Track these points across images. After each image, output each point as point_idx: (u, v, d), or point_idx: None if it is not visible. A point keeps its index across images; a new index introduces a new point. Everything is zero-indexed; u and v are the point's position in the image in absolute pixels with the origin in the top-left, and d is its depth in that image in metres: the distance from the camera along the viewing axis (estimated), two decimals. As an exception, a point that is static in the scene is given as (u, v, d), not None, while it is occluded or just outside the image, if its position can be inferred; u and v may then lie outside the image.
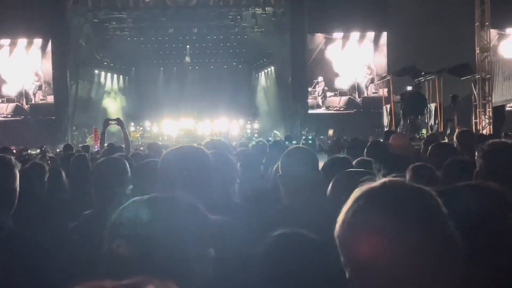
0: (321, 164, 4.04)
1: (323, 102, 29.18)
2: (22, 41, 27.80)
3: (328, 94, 29.26)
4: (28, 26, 26.59)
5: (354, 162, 4.12)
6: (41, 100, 27.99)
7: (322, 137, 24.58)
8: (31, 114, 27.78)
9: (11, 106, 27.86)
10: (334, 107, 29.13)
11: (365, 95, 29.21)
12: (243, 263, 2.12)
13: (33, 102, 27.97)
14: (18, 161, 3.55)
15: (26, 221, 3.19)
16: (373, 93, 29.17)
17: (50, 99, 27.96)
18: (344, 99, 29.04)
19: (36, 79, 27.89)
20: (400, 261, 1.19)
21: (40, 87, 27.97)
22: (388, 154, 5.53)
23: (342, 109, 28.99)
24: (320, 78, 28.81)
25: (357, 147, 5.78)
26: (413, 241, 1.19)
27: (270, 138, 20.27)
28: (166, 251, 1.52)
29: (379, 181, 1.30)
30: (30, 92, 27.86)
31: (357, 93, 29.16)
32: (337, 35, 28.78)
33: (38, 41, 27.79)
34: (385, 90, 26.69)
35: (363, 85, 29.18)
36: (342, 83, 29.10)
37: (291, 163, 3.35)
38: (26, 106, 27.92)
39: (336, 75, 28.96)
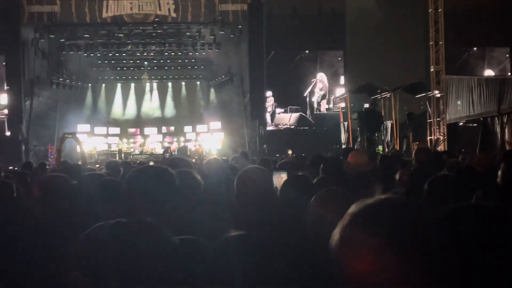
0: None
1: (272, 119, 28.80)
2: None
3: (278, 110, 28.98)
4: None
5: (314, 181, 4.14)
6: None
7: (277, 155, 24.26)
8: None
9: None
10: (283, 125, 28.38)
11: (317, 112, 29.22)
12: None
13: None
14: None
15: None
16: (327, 109, 29.30)
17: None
18: (295, 116, 28.31)
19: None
20: (395, 277, 1.21)
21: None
22: (343, 172, 5.57)
23: (292, 126, 28.14)
24: (269, 93, 28.52)
25: (318, 165, 5.80)
26: (409, 257, 1.21)
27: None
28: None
29: (377, 197, 1.32)
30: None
31: (309, 109, 28.99)
32: (293, 52, 29.11)
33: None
34: (341, 106, 26.97)
35: (315, 102, 29.24)
36: (293, 99, 28.81)
37: (246, 182, 3.37)
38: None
39: (287, 91, 28.74)
